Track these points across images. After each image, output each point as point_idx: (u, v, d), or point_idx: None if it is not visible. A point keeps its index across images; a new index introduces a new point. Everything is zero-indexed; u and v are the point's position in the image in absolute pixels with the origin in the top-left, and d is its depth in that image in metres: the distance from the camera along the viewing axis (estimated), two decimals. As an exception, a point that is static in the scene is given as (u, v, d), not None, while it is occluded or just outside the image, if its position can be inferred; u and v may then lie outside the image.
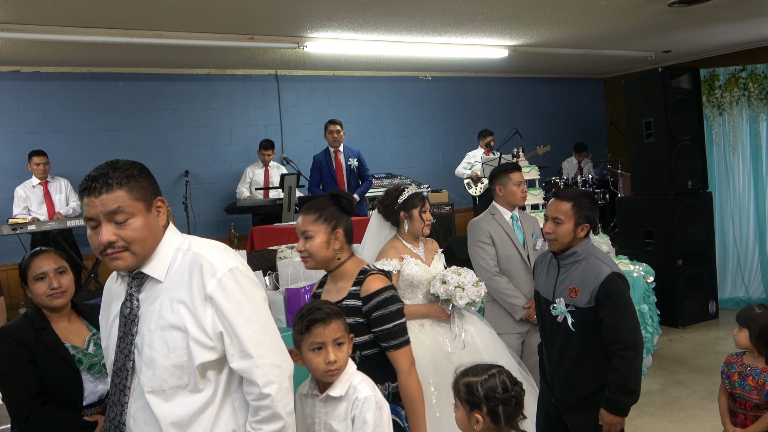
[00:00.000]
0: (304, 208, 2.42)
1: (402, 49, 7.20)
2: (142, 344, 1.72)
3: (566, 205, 2.68)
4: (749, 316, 2.88)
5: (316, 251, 2.35)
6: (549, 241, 2.73)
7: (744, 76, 6.50)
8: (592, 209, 2.71)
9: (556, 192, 2.80)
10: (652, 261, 5.48)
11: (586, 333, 2.63)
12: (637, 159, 6.41)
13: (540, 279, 2.91)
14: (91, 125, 7.29)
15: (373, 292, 2.30)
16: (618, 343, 2.54)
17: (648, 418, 4.04)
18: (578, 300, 2.63)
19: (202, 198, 7.85)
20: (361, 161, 7.14)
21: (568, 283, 2.69)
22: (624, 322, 2.56)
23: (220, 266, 1.72)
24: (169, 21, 5.49)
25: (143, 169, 1.75)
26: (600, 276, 2.59)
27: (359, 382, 2.12)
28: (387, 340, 2.29)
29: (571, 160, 9.80)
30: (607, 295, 2.56)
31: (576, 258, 2.69)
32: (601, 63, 9.59)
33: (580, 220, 2.68)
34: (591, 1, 5.78)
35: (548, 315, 2.78)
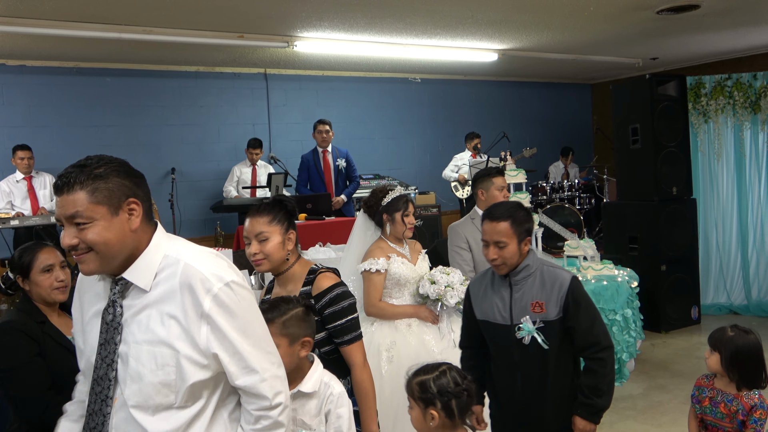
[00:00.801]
0: (255, 211, 2.38)
1: (392, 51, 7.21)
2: (128, 356, 1.62)
3: (504, 225, 2.50)
4: (721, 338, 2.69)
5: (273, 252, 2.33)
6: (496, 267, 2.55)
7: (729, 85, 6.57)
8: (528, 219, 2.57)
9: (487, 213, 2.57)
10: (637, 266, 5.53)
11: (560, 347, 2.50)
12: (623, 164, 6.46)
13: (485, 305, 2.62)
14: (77, 120, 7.23)
15: (325, 290, 2.32)
16: (596, 345, 2.46)
17: (630, 422, 4.07)
18: (546, 314, 2.48)
19: (188, 196, 7.81)
20: (349, 162, 7.14)
21: (527, 299, 2.51)
22: (598, 323, 2.51)
23: (214, 281, 1.61)
24: (158, 17, 5.46)
25: (117, 168, 1.61)
26: (564, 283, 2.49)
27: (330, 378, 2.17)
28: (340, 335, 2.31)
29: (558, 164, 9.86)
30: (576, 300, 2.48)
31: (529, 271, 2.54)
32: (589, 69, 9.65)
33: (522, 236, 2.53)
34: (580, 7, 5.82)
35: (506, 341, 2.54)
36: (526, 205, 4.99)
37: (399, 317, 3.25)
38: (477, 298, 2.67)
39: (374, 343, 3.17)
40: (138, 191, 1.63)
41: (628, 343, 4.74)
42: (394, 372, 3.05)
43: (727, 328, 2.72)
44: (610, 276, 4.95)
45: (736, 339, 2.64)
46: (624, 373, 4.74)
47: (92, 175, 1.56)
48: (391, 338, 3.17)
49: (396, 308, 3.27)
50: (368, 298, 3.26)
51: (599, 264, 5.09)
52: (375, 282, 3.24)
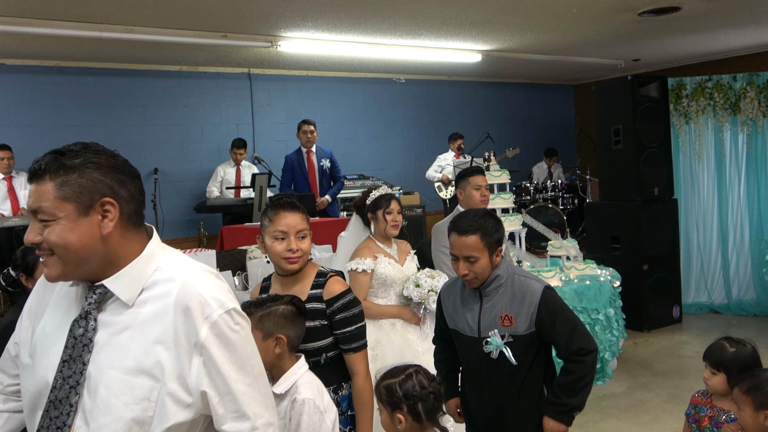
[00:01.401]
0: (291, 206, 2.31)
1: (376, 51, 7.21)
2: (98, 383, 1.35)
3: (473, 239, 2.33)
4: (722, 357, 2.46)
5: (308, 251, 2.32)
6: (467, 281, 2.40)
7: (710, 86, 6.64)
8: (498, 228, 2.40)
9: (453, 226, 2.39)
10: (619, 266, 5.57)
11: (530, 363, 2.38)
12: (605, 165, 6.50)
13: (455, 314, 2.50)
14: (58, 120, 7.15)
15: (338, 295, 2.31)
16: (580, 351, 2.33)
17: (612, 420, 4.10)
18: (515, 328, 2.34)
19: (171, 196, 7.75)
20: (333, 162, 7.13)
21: (497, 311, 2.37)
22: (579, 329, 2.36)
23: (215, 306, 1.39)
24: (140, 16, 5.42)
25: (99, 161, 1.36)
26: (534, 296, 2.33)
27: (303, 383, 2.13)
28: (348, 342, 2.30)
29: (542, 164, 9.91)
30: (551, 312, 2.33)
31: (499, 282, 2.39)
32: (572, 70, 9.72)
33: (494, 247, 2.37)
34: (563, 9, 5.85)
35: (474, 354, 2.42)
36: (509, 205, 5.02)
37: (383, 317, 3.27)
38: (447, 306, 2.55)
39: None
40: (120, 191, 1.37)
41: (610, 342, 4.78)
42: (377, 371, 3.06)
43: (725, 344, 2.49)
44: (592, 275, 4.99)
45: (740, 353, 2.45)
46: (607, 371, 4.77)
47: (65, 166, 1.32)
48: (375, 337, 3.18)
49: (380, 308, 3.28)
50: None
51: (582, 264, 5.13)
52: (361, 281, 3.25)
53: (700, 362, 5.02)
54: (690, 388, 4.51)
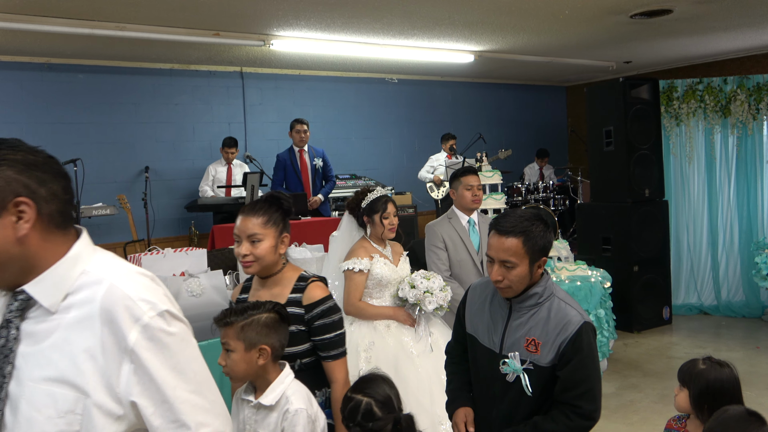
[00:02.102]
0: (249, 210, 2.27)
1: (369, 51, 7.21)
2: (19, 398, 1.23)
3: (514, 242, 2.05)
4: (690, 371, 2.26)
5: (265, 255, 2.23)
6: (500, 289, 2.12)
7: (701, 89, 6.68)
8: (546, 236, 2.10)
9: (495, 224, 2.12)
10: (610, 267, 5.59)
11: (547, 398, 2.11)
12: (596, 166, 6.53)
13: (477, 319, 2.25)
14: (48, 118, 7.10)
15: (318, 301, 2.26)
16: (578, 408, 2.03)
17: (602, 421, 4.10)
18: (540, 357, 2.06)
19: (162, 195, 7.71)
20: (325, 161, 7.12)
21: (524, 332, 2.09)
22: (593, 386, 2.06)
23: (145, 308, 1.26)
24: (132, 13, 5.39)
25: (14, 158, 1.24)
26: (570, 326, 2.04)
27: (293, 393, 2.08)
28: (327, 349, 2.25)
29: (533, 165, 9.94)
30: (577, 350, 2.03)
31: (536, 300, 2.11)
32: (564, 71, 9.75)
33: (536, 256, 2.07)
34: (555, 10, 5.87)
35: (489, 369, 2.17)
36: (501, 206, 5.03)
37: (377, 318, 3.26)
38: (472, 308, 2.30)
39: (352, 343, 3.16)
40: (39, 190, 1.25)
41: (600, 343, 4.80)
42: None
43: (699, 361, 2.28)
44: (583, 276, 5.01)
45: (707, 373, 2.21)
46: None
47: None
48: (369, 338, 3.17)
49: (375, 309, 3.27)
50: (348, 297, 3.26)
51: (573, 264, 5.14)
52: (356, 281, 3.24)
53: (689, 363, 5.06)
54: (679, 388, 4.54)
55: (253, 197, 6.45)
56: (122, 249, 7.20)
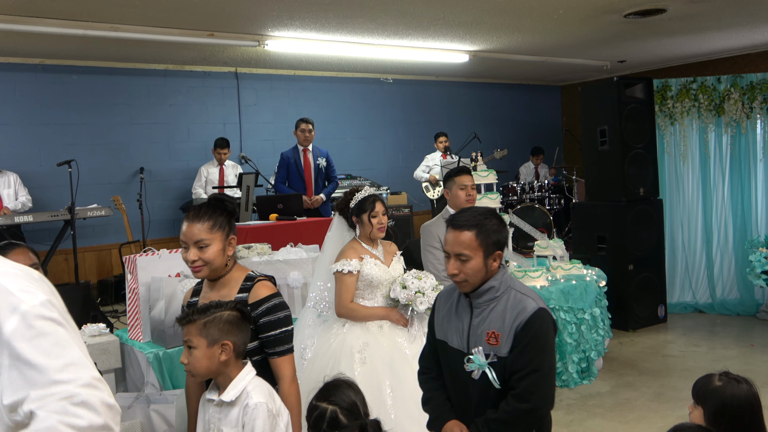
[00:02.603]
0: (194, 216, 2.27)
1: (364, 51, 7.21)
2: None
3: (468, 236, 2.12)
4: (705, 388, 2.09)
5: (213, 259, 2.25)
6: (457, 283, 2.19)
7: (695, 88, 6.70)
8: (499, 230, 2.17)
9: (451, 220, 2.20)
10: (605, 265, 5.60)
11: None
12: (591, 166, 6.54)
13: (444, 325, 2.29)
14: (42, 119, 7.08)
15: (262, 299, 2.26)
16: (521, 397, 2.04)
17: (598, 419, 4.13)
18: (500, 347, 2.09)
19: (157, 195, 7.70)
20: (329, 162, 7.11)
21: (485, 327, 2.14)
22: (542, 374, 2.05)
23: (25, 298, 1.21)
24: (126, 14, 5.38)
25: None
26: (524, 312, 2.09)
27: (253, 388, 2.10)
28: (272, 346, 2.25)
29: (528, 164, 9.95)
30: (529, 335, 2.06)
31: (493, 294, 2.16)
32: (559, 71, 9.77)
33: (490, 249, 2.13)
34: (550, 10, 5.88)
35: (460, 370, 2.18)
36: (496, 205, 5.03)
37: (370, 319, 3.25)
38: (440, 314, 2.34)
39: (346, 345, 3.16)
40: None
41: (596, 342, 4.81)
42: (367, 374, 3.03)
43: (715, 376, 2.11)
44: (578, 275, 5.02)
45: (723, 390, 2.05)
46: (592, 371, 4.80)
47: None
48: (363, 340, 3.16)
49: (367, 310, 3.26)
50: (339, 299, 3.25)
51: (568, 263, 5.15)
52: (347, 283, 3.23)
53: (685, 361, 5.08)
54: (674, 387, 4.55)
55: (248, 198, 6.44)
56: (117, 250, 7.18)
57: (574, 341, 4.64)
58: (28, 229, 6.58)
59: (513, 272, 4.81)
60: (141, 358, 3.59)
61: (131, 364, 3.74)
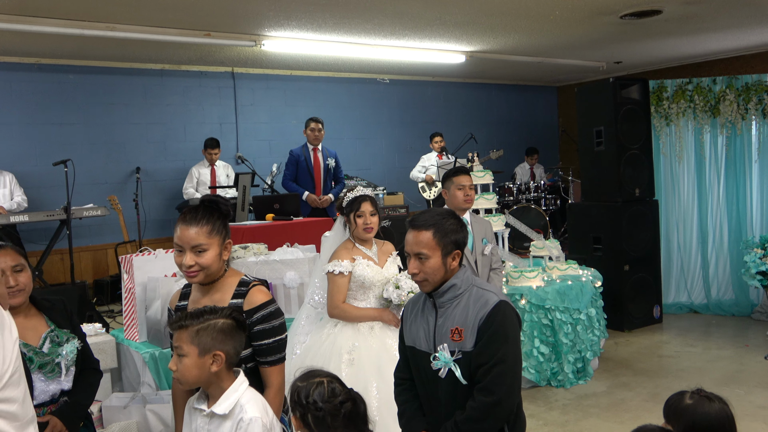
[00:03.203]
0: (191, 219, 2.17)
1: (360, 51, 7.21)
2: None
3: (426, 235, 2.17)
4: (676, 406, 1.97)
5: (211, 264, 2.17)
6: (418, 283, 2.22)
7: (690, 89, 6.72)
8: (457, 230, 2.21)
9: (410, 220, 2.25)
10: (600, 266, 5.62)
11: None
12: (587, 166, 6.55)
13: (412, 330, 2.29)
14: (38, 118, 7.07)
15: (259, 305, 2.18)
16: (486, 390, 2.05)
17: (593, 419, 4.14)
18: (464, 342, 2.11)
19: (153, 195, 7.69)
20: (337, 163, 7.11)
21: (449, 324, 2.16)
22: (505, 368, 2.06)
23: None
24: (122, 13, 5.37)
25: None
26: (486, 306, 2.11)
27: (247, 401, 2.01)
28: (265, 355, 2.17)
29: (524, 165, 9.97)
30: (489, 325, 2.08)
31: (456, 292, 2.19)
32: (555, 71, 9.79)
33: (449, 248, 2.18)
34: (546, 11, 5.90)
35: (429, 372, 2.18)
36: (492, 206, 5.05)
37: (362, 320, 3.24)
38: (407, 321, 2.34)
39: (336, 346, 3.16)
40: None
41: (591, 342, 4.82)
42: (353, 375, 3.03)
43: (686, 394, 1.99)
44: (574, 276, 5.03)
45: (694, 408, 1.94)
46: (588, 371, 4.81)
47: None
48: (352, 341, 3.16)
49: (359, 311, 3.26)
50: (331, 300, 3.25)
51: (564, 264, 5.17)
52: (339, 284, 3.23)
53: (680, 362, 5.10)
54: (670, 387, 4.56)
55: (244, 198, 6.44)
56: (113, 250, 7.17)
57: (569, 341, 4.65)
58: (23, 228, 6.57)
59: (509, 272, 4.82)
60: (137, 357, 3.59)
61: (127, 364, 3.74)
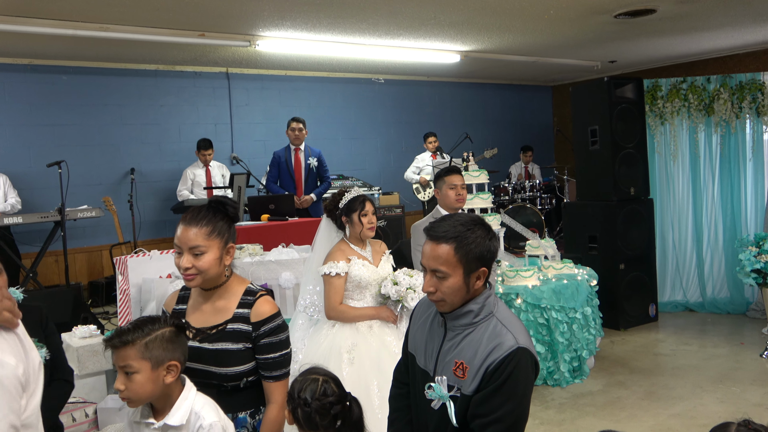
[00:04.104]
0: (192, 219, 2.05)
1: (355, 51, 7.21)
2: None
3: (446, 249, 1.81)
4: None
5: (209, 268, 2.04)
6: (434, 302, 1.89)
7: (684, 88, 6.73)
8: (484, 243, 1.84)
9: (429, 228, 1.88)
10: (596, 265, 5.63)
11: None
12: (582, 165, 6.56)
13: (416, 338, 2.03)
14: (31, 119, 7.04)
15: (267, 318, 2.08)
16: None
17: (590, 417, 4.14)
18: (465, 382, 1.81)
19: (148, 196, 7.67)
20: (321, 162, 7.09)
21: (455, 354, 1.84)
22: (505, 416, 1.75)
23: None
24: (116, 14, 5.35)
25: None
26: (499, 349, 1.77)
27: (201, 407, 1.93)
28: (270, 369, 2.08)
29: (519, 164, 9.98)
30: (499, 374, 1.75)
31: (471, 319, 1.85)
32: (550, 71, 9.80)
33: (473, 265, 1.82)
34: (540, 11, 5.90)
35: (422, 391, 1.93)
36: (488, 205, 5.04)
37: (360, 319, 3.25)
38: (415, 324, 2.09)
39: (335, 346, 3.16)
40: None
41: (587, 341, 4.83)
42: (355, 374, 3.04)
43: (733, 425, 1.69)
44: (570, 275, 5.03)
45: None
46: (584, 370, 4.82)
47: None
48: (352, 340, 3.16)
49: (357, 310, 3.26)
50: (329, 302, 3.25)
51: (560, 263, 5.17)
52: (335, 285, 3.23)
53: (675, 360, 5.11)
54: (665, 385, 4.57)
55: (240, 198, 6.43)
56: (108, 251, 7.15)
57: (565, 340, 4.65)
58: (17, 230, 6.54)
59: (505, 272, 4.82)
60: (132, 359, 3.56)
61: (122, 365, 3.72)
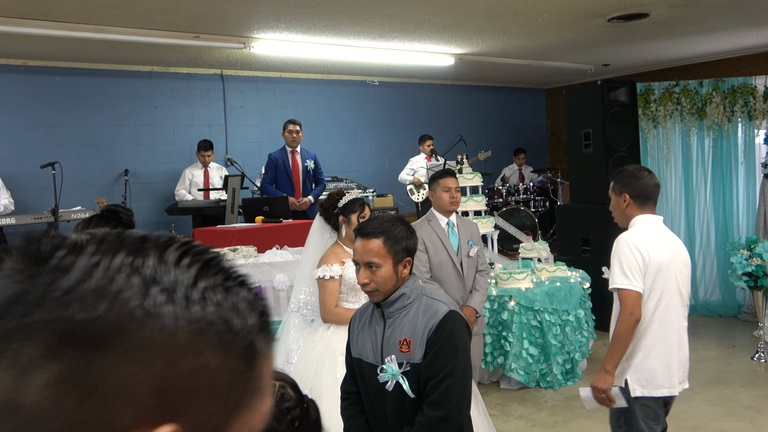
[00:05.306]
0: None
1: (350, 53, 7.22)
2: None
3: (376, 243, 2.10)
4: None
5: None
6: (368, 293, 2.16)
7: (677, 91, 6.77)
8: (408, 236, 2.16)
9: (359, 229, 2.19)
10: (589, 267, 5.64)
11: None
12: (575, 168, 6.59)
13: (359, 341, 2.21)
14: (25, 121, 7.01)
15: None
16: (436, 406, 1.97)
17: (583, 420, 4.16)
18: (412, 354, 2.04)
19: (142, 198, 7.66)
20: (317, 164, 7.10)
21: (398, 335, 2.08)
22: (455, 380, 1.98)
23: None
24: (111, 15, 5.35)
25: None
26: (436, 316, 2.05)
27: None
28: None
29: (512, 166, 10.01)
30: (438, 336, 2.01)
31: (405, 302, 2.12)
32: (544, 74, 9.83)
33: (400, 256, 2.12)
34: (534, 14, 5.93)
35: (377, 386, 2.11)
36: (481, 207, 5.06)
37: None
38: (355, 332, 2.25)
39: (330, 348, 3.16)
40: None
41: (580, 343, 4.85)
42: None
43: None
44: (563, 277, 5.06)
45: None
46: (577, 372, 4.83)
47: None
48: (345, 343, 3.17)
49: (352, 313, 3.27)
50: (324, 305, 3.26)
51: (553, 265, 5.19)
52: (330, 288, 3.24)
53: (667, 362, 5.12)
54: (658, 387, 4.59)
55: (234, 200, 6.43)
56: (101, 253, 7.11)
57: (558, 343, 4.67)
58: (10, 231, 6.51)
59: (499, 274, 4.84)
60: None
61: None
